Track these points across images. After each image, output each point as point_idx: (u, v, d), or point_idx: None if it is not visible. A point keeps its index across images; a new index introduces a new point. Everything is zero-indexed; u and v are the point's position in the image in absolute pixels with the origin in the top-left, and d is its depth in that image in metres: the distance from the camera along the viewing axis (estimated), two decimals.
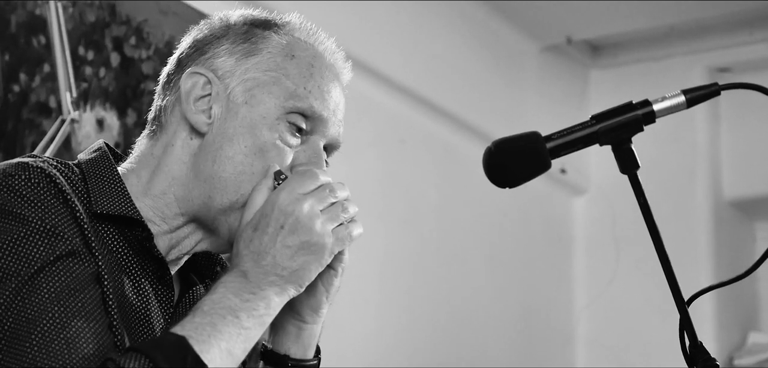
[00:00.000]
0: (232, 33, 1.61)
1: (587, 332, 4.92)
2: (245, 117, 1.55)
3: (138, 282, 1.52)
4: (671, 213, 4.49)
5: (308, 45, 1.62)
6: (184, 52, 1.64)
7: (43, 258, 1.38)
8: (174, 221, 1.58)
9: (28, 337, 1.33)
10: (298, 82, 1.57)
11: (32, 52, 2.78)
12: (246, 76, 1.58)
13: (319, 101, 1.58)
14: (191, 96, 1.58)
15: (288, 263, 1.45)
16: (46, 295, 1.36)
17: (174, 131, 1.59)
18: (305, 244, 1.45)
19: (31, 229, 1.39)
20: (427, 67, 4.18)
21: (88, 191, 1.52)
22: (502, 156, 1.55)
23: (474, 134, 4.26)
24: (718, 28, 4.69)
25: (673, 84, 1.98)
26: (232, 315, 1.42)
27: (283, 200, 1.45)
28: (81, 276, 1.40)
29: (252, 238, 1.45)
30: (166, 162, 1.58)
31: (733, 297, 4.70)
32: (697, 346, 1.49)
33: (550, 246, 4.89)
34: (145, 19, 3.08)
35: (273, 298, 1.46)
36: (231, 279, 1.45)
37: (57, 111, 2.83)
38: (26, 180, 1.42)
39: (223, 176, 1.54)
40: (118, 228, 1.52)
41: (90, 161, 1.58)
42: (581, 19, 4.62)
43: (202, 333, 1.38)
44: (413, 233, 4.11)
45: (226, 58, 1.59)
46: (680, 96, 1.53)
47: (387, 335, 3.96)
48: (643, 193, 1.51)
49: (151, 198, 1.57)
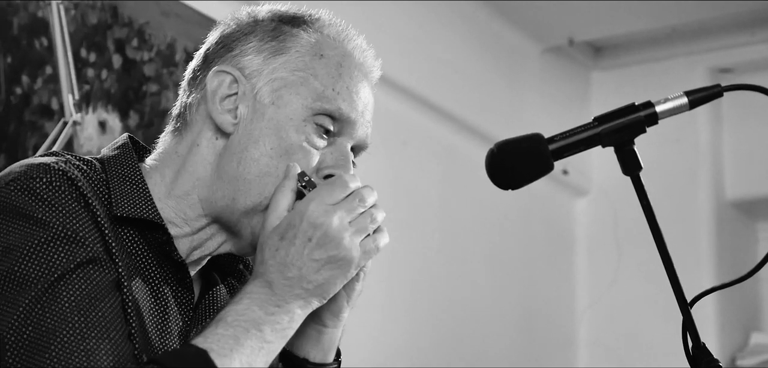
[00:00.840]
0: (260, 29, 1.58)
1: (589, 333, 4.91)
2: (272, 118, 1.53)
3: (157, 287, 1.51)
4: (673, 214, 4.48)
5: (337, 43, 1.59)
6: (211, 47, 1.61)
7: (64, 265, 1.37)
8: (196, 222, 1.55)
9: (47, 348, 1.32)
10: (327, 83, 1.54)
11: (34, 54, 2.78)
12: (273, 75, 1.55)
13: (347, 103, 1.55)
14: (217, 95, 1.55)
15: (314, 276, 1.43)
16: (66, 304, 1.35)
17: (199, 130, 1.57)
18: (333, 258, 1.43)
19: (52, 234, 1.38)
20: (429, 68, 4.18)
21: (110, 191, 1.50)
22: (504, 158, 1.55)
23: (476, 136, 4.26)
24: (720, 29, 4.69)
25: (675, 85, 1.98)
26: (255, 328, 1.40)
27: (312, 212, 1.42)
28: (101, 284, 1.39)
29: (278, 247, 1.43)
30: (191, 162, 1.55)
31: (735, 297, 4.69)
32: (699, 347, 1.49)
33: (552, 247, 4.88)
34: (147, 21, 3.08)
35: (297, 311, 1.44)
36: (256, 289, 1.43)
37: (59, 113, 2.83)
38: (48, 183, 1.40)
39: (248, 178, 1.51)
40: (138, 231, 1.50)
41: (113, 158, 1.55)
42: (583, 21, 4.62)
43: (225, 347, 1.37)
44: (415, 234, 4.11)
45: (253, 56, 1.56)
46: (683, 98, 1.53)
47: (389, 336, 3.96)
48: (646, 194, 1.51)
49: (173, 199, 1.55)
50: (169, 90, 3.11)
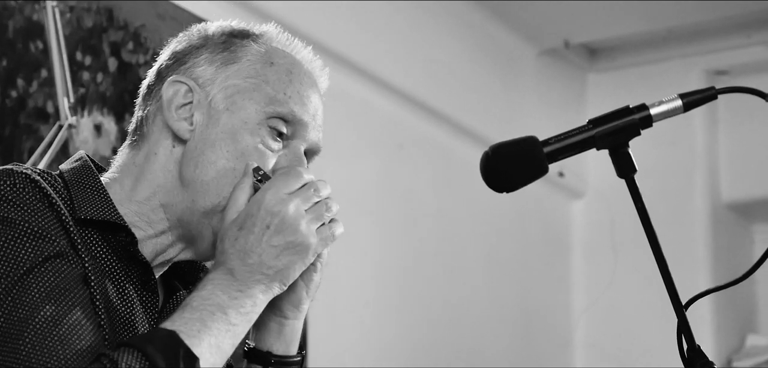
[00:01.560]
0: (211, 43, 1.64)
1: (585, 336, 4.92)
2: (227, 123, 1.57)
3: (122, 287, 1.53)
4: (669, 217, 4.49)
5: (286, 53, 1.64)
6: (163, 63, 1.67)
7: (32, 260, 1.39)
8: (159, 225, 1.59)
9: (21, 335, 1.35)
10: (278, 88, 1.59)
11: (30, 57, 2.78)
12: (226, 83, 1.60)
13: (299, 106, 1.60)
14: (173, 104, 1.60)
15: (273, 262, 1.47)
16: (36, 294, 1.38)
17: (156, 140, 1.61)
18: (291, 244, 1.47)
19: (19, 232, 1.41)
20: (425, 71, 4.18)
21: (72, 198, 1.53)
22: (499, 161, 1.55)
23: (472, 138, 4.26)
24: (716, 32, 4.69)
25: (671, 87, 1.98)
26: (220, 311, 1.44)
27: (269, 201, 1.47)
28: (70, 276, 1.42)
29: (237, 237, 1.47)
30: (150, 170, 1.60)
31: (731, 299, 4.70)
32: (695, 349, 1.49)
33: (548, 250, 4.89)
34: (142, 24, 3.08)
35: (259, 296, 1.48)
36: (219, 276, 1.47)
37: (54, 116, 2.83)
38: (11, 185, 1.44)
39: (205, 180, 1.56)
40: (101, 234, 1.54)
41: (72, 170, 1.59)
42: (579, 23, 4.63)
43: (192, 328, 1.40)
44: (411, 237, 4.11)
45: (206, 66, 1.62)
46: (677, 100, 1.54)
47: (384, 339, 3.96)
48: (641, 197, 1.51)
49: (135, 204, 1.59)
50: None
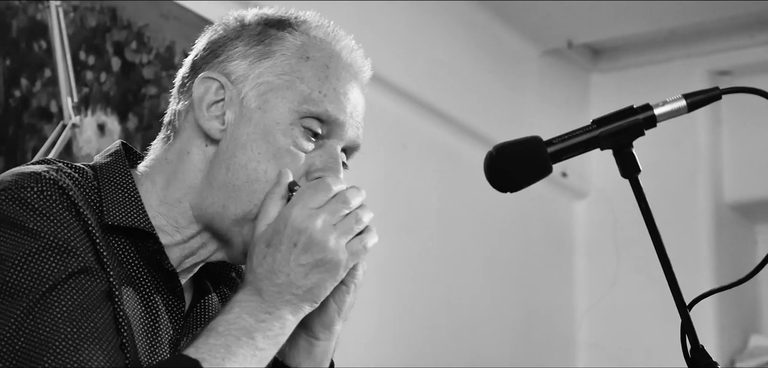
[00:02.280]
0: (247, 34, 1.57)
1: (588, 336, 4.91)
2: (258, 123, 1.51)
3: (148, 296, 1.50)
4: (672, 217, 4.47)
5: (324, 44, 1.58)
6: (198, 54, 1.60)
7: (56, 276, 1.36)
8: (188, 230, 1.54)
9: (40, 359, 1.31)
10: (313, 85, 1.53)
11: (33, 57, 2.78)
12: (259, 80, 1.53)
13: (334, 105, 1.54)
14: (204, 102, 1.55)
15: (303, 281, 1.42)
16: (58, 315, 1.34)
17: (188, 138, 1.56)
18: (319, 261, 1.41)
19: (43, 244, 1.37)
20: (428, 71, 4.18)
21: (101, 199, 1.49)
22: (503, 161, 1.55)
23: (475, 139, 4.26)
24: (719, 32, 4.69)
25: (674, 88, 1.98)
26: (247, 336, 1.39)
27: (295, 217, 1.41)
28: (93, 294, 1.38)
29: (265, 255, 1.42)
30: (182, 169, 1.55)
31: (734, 300, 4.69)
32: (698, 349, 1.49)
33: (551, 250, 4.88)
34: (145, 24, 3.08)
35: (288, 317, 1.43)
36: (246, 297, 1.42)
37: (58, 116, 2.83)
38: (38, 193, 1.40)
39: (237, 184, 1.50)
40: (129, 240, 1.50)
41: (105, 165, 1.55)
42: (582, 23, 4.62)
43: (216, 356, 1.36)
44: (414, 237, 4.11)
45: (239, 61, 1.55)
46: (681, 100, 1.53)
47: (388, 339, 3.96)
48: (644, 197, 1.51)
49: (165, 207, 1.54)
50: (168, 93, 3.10)
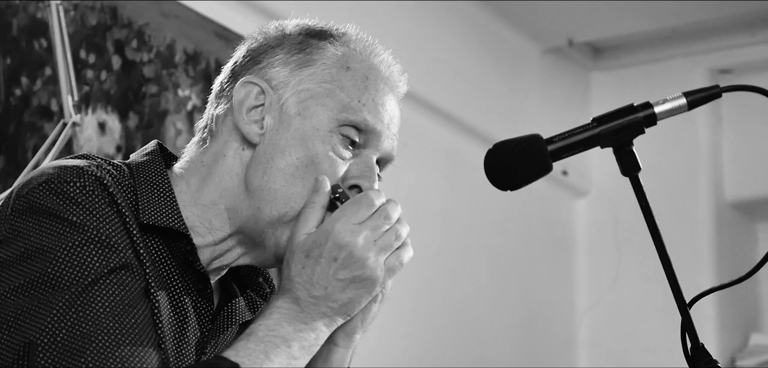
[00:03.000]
0: (288, 43, 1.59)
1: (589, 334, 4.91)
2: (298, 129, 1.53)
3: (178, 297, 1.51)
4: (673, 215, 4.48)
5: (364, 57, 1.61)
6: (238, 61, 1.62)
7: (98, 270, 1.37)
8: (220, 232, 1.56)
9: (83, 353, 1.32)
10: (353, 94, 1.56)
11: (34, 55, 2.78)
12: (300, 87, 1.55)
13: (372, 115, 1.57)
14: (244, 106, 1.56)
15: (340, 296, 1.45)
16: (100, 309, 1.35)
17: (225, 141, 1.57)
18: (358, 278, 1.45)
19: (86, 238, 1.38)
20: (429, 70, 4.18)
21: (137, 198, 1.50)
22: (503, 159, 1.55)
23: (476, 137, 4.26)
24: (720, 30, 4.69)
25: (675, 86, 1.98)
26: (285, 344, 1.42)
27: (338, 232, 1.44)
28: (133, 291, 1.40)
29: (304, 265, 1.45)
30: (217, 172, 1.56)
31: (734, 298, 4.69)
32: (698, 348, 1.49)
33: (551, 249, 4.88)
34: (146, 22, 3.08)
35: (322, 329, 1.47)
36: (285, 305, 1.45)
37: (58, 114, 2.83)
38: (81, 187, 1.41)
39: (274, 188, 1.52)
40: (163, 239, 1.51)
41: (141, 164, 1.56)
42: (583, 22, 4.62)
43: (255, 361, 1.39)
44: (415, 236, 4.08)
45: (280, 68, 1.57)
46: (681, 98, 1.53)
47: (389, 337, 3.96)
48: (645, 195, 1.51)
49: (199, 208, 1.55)
50: (168, 91, 3.11)
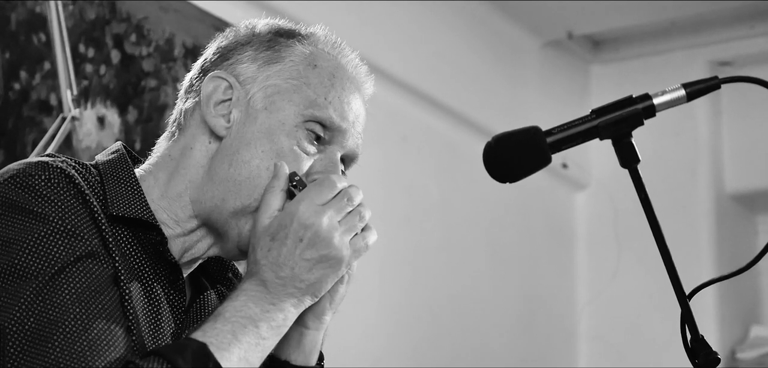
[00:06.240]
0: (257, 40, 1.63)
1: (589, 327, 4.91)
2: (264, 123, 1.56)
3: (150, 287, 1.53)
4: (672, 207, 4.49)
5: (331, 56, 1.64)
6: (208, 58, 1.66)
7: (64, 259, 1.39)
8: (187, 223, 1.58)
9: (50, 338, 1.35)
10: (319, 91, 1.58)
11: (33, 49, 2.78)
12: (267, 82, 1.59)
13: (338, 112, 1.59)
14: (212, 100, 1.59)
15: (306, 276, 1.47)
16: (67, 296, 1.37)
17: (193, 134, 1.60)
18: (324, 257, 1.47)
19: (52, 229, 1.40)
20: (428, 63, 4.18)
21: (105, 192, 1.53)
22: (502, 151, 1.55)
23: (475, 130, 4.26)
24: (719, 23, 4.69)
25: (675, 78, 1.97)
26: (252, 324, 1.44)
27: (302, 212, 1.46)
28: (101, 277, 1.42)
29: (270, 248, 1.47)
30: (184, 165, 1.59)
31: (734, 290, 4.70)
32: (698, 340, 1.49)
33: (551, 242, 4.88)
34: (145, 17, 3.07)
35: (290, 309, 1.48)
36: (252, 287, 1.47)
37: (58, 109, 2.83)
38: (46, 180, 1.43)
39: (238, 180, 1.55)
40: (132, 231, 1.53)
41: (108, 162, 1.59)
42: (582, 14, 4.62)
43: (223, 341, 1.40)
44: (415, 229, 4.11)
45: (248, 64, 1.61)
46: (680, 90, 1.53)
47: (388, 331, 3.96)
48: (644, 187, 1.51)
49: (167, 200, 1.58)
50: (167, 85, 3.11)
